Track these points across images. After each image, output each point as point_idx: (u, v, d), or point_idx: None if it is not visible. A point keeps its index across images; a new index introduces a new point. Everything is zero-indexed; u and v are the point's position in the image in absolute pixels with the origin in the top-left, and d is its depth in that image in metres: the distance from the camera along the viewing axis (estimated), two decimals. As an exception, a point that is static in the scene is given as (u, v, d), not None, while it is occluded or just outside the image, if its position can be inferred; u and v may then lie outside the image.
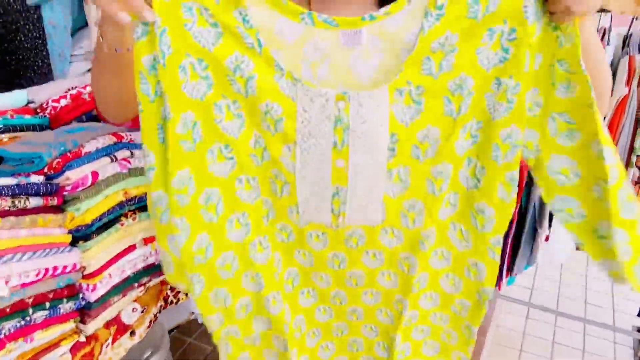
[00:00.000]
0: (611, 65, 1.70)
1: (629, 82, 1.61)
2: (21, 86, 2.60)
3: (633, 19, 1.75)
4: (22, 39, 2.45)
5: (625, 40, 1.76)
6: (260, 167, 0.66)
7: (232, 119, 0.61)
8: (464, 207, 0.69)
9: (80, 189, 0.97)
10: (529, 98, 0.60)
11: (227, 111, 0.61)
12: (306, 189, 0.66)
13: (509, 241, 1.95)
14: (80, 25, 2.72)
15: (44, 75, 2.54)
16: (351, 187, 0.65)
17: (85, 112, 1.33)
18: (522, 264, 1.93)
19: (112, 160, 1.04)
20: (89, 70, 2.65)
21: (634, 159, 1.64)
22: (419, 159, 0.64)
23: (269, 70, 0.58)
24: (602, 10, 1.74)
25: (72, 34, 2.64)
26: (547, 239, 1.95)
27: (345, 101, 0.59)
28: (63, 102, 1.28)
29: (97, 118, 1.34)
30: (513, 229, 1.93)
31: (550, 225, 1.88)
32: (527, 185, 1.86)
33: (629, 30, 1.78)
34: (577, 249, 2.00)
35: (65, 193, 0.97)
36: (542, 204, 1.86)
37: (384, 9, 0.58)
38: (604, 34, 1.77)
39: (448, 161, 0.64)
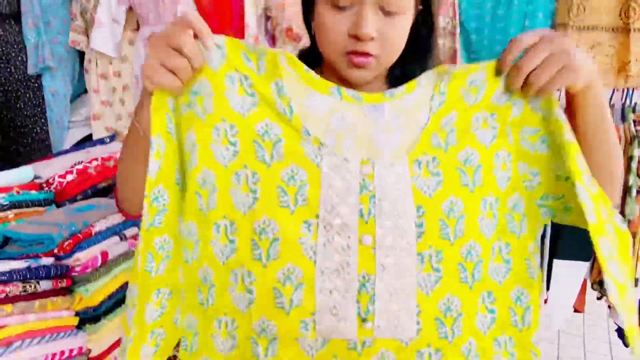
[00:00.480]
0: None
1: (615, 150, 1.69)
2: (18, 152, 2.61)
3: (613, 90, 1.86)
4: (22, 107, 2.48)
5: (608, 110, 1.85)
6: (265, 270, 0.58)
7: (247, 192, 0.59)
8: (502, 309, 0.63)
9: (89, 270, 0.97)
10: (523, 169, 0.64)
11: (244, 183, 0.60)
12: (327, 283, 0.58)
13: (508, 305, 1.95)
14: (79, 92, 2.78)
15: (42, 141, 2.56)
16: (379, 274, 0.58)
17: (91, 186, 1.34)
18: (522, 328, 1.92)
19: (121, 239, 1.05)
20: (86, 137, 2.69)
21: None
22: (449, 238, 0.60)
23: (297, 136, 0.60)
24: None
25: (71, 101, 2.70)
26: (545, 301, 1.95)
27: (370, 166, 0.60)
28: (69, 177, 1.30)
29: (102, 192, 1.36)
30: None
31: (548, 288, 1.89)
32: (522, 248, 1.88)
33: (610, 101, 1.88)
34: (575, 310, 2.00)
35: (74, 274, 0.96)
36: (539, 267, 1.88)
37: (401, 88, 0.63)
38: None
39: (475, 239, 0.62)
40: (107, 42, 2.37)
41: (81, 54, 2.66)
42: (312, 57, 0.72)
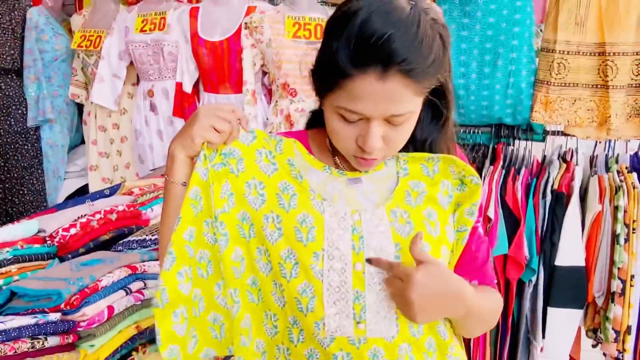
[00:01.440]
0: (581, 183, 1.86)
1: (601, 199, 1.75)
2: (13, 203, 2.61)
3: (596, 142, 1.95)
4: (19, 158, 2.52)
5: (592, 161, 1.94)
6: (289, 284, 0.78)
7: (274, 230, 0.79)
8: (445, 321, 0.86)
9: (95, 325, 0.98)
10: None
11: (271, 223, 0.79)
12: (331, 296, 0.77)
13: (505, 353, 1.95)
14: (75, 143, 2.83)
15: (37, 192, 2.57)
16: (368, 290, 0.77)
17: (93, 239, 1.36)
18: (519, 377, 1.92)
19: (126, 293, 1.06)
20: (82, 186, 2.71)
21: (615, 271, 1.73)
22: None
23: (306, 193, 0.81)
24: (569, 135, 1.93)
25: (68, 151, 2.74)
26: (541, 349, 1.96)
27: (358, 215, 0.80)
28: (73, 231, 1.31)
29: (104, 245, 1.37)
30: (508, 341, 1.94)
31: (544, 336, 1.90)
32: (517, 297, 1.91)
33: (593, 151, 1.97)
34: (571, 359, 2.01)
35: (80, 329, 0.97)
36: (534, 315, 1.90)
37: (372, 169, 0.84)
38: (572, 155, 1.95)
39: None
40: (107, 96, 2.44)
41: (80, 106, 2.72)
42: (322, 120, 0.82)
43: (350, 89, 0.71)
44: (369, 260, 0.78)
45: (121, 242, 1.35)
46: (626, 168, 1.80)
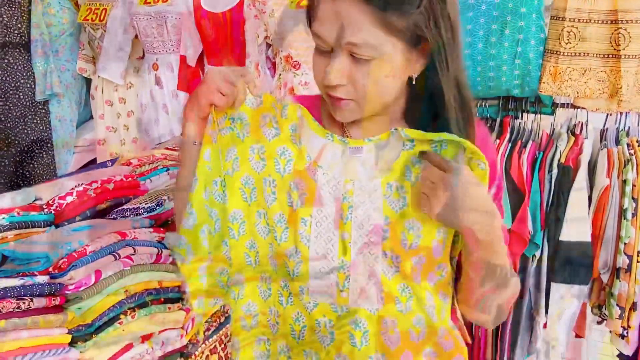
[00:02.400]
0: (590, 157, 1.81)
1: (609, 173, 1.70)
2: (24, 177, 2.66)
3: (607, 115, 1.88)
4: (29, 132, 2.55)
5: (602, 135, 1.87)
6: (279, 247, 0.82)
7: (270, 193, 0.83)
8: (437, 301, 0.84)
9: (82, 288, 0.99)
10: None
11: (268, 186, 0.83)
12: (317, 263, 0.79)
13: (508, 329, 1.93)
14: (85, 118, 2.85)
15: (47, 166, 2.61)
16: (353, 261, 0.78)
17: (90, 207, 1.37)
18: (522, 353, 1.90)
19: (115, 258, 1.07)
20: (91, 161, 2.74)
21: (621, 246, 1.69)
22: (405, 248, 0.79)
23: (302, 159, 0.83)
24: (579, 107, 1.87)
25: (77, 127, 2.76)
26: (544, 325, 1.94)
27: (351, 184, 0.80)
28: (69, 199, 1.32)
29: (101, 214, 1.38)
30: (510, 317, 1.92)
31: (547, 312, 1.88)
32: (520, 272, 1.88)
33: (604, 125, 1.90)
34: (576, 336, 1.98)
35: (67, 292, 0.98)
36: (537, 291, 1.87)
37: (377, 137, 0.82)
38: (581, 128, 1.89)
39: (424, 255, 0.80)
40: (113, 70, 2.44)
41: (88, 81, 2.73)
42: None
43: (316, 12, 0.75)
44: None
45: (115, 210, 1.36)
46: (637, 141, 1.74)
